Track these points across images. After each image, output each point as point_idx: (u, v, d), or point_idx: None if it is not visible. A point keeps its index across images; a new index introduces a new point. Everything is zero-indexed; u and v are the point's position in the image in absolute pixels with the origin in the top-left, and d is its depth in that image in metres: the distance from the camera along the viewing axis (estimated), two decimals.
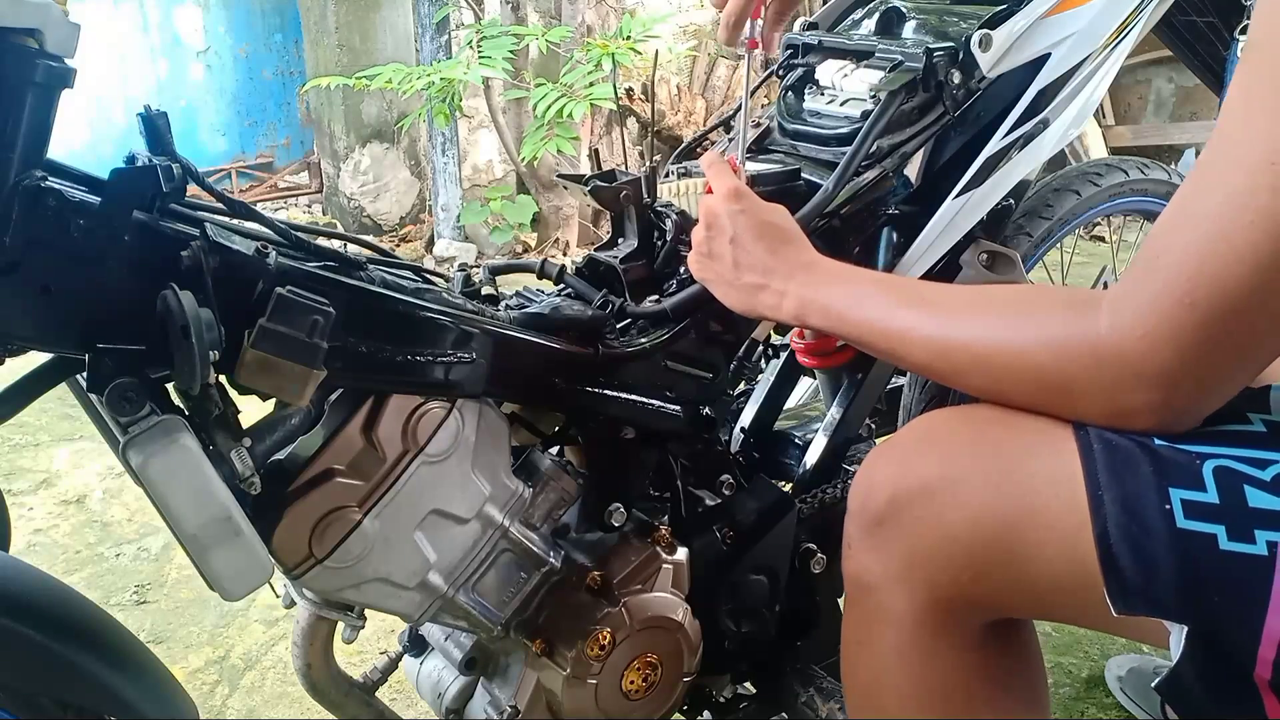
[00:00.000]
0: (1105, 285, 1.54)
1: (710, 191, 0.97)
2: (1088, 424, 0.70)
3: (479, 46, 3.37)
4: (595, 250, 1.10)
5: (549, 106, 3.26)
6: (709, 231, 0.94)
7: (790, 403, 1.33)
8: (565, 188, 1.57)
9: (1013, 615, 0.79)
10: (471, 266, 1.05)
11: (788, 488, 1.20)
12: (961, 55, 1.08)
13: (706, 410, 1.07)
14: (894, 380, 1.36)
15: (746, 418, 1.25)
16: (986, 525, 0.72)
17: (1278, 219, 0.59)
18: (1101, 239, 2.90)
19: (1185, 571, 0.64)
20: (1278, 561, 0.61)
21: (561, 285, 1.07)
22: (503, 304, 1.01)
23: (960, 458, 0.75)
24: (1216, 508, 0.64)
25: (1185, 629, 0.65)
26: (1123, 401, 0.67)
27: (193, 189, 0.79)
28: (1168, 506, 0.64)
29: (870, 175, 1.09)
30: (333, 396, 0.92)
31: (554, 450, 1.06)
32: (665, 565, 1.05)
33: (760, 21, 1.01)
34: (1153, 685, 0.69)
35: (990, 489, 0.72)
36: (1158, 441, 0.68)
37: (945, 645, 0.77)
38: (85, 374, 0.76)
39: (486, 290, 1.04)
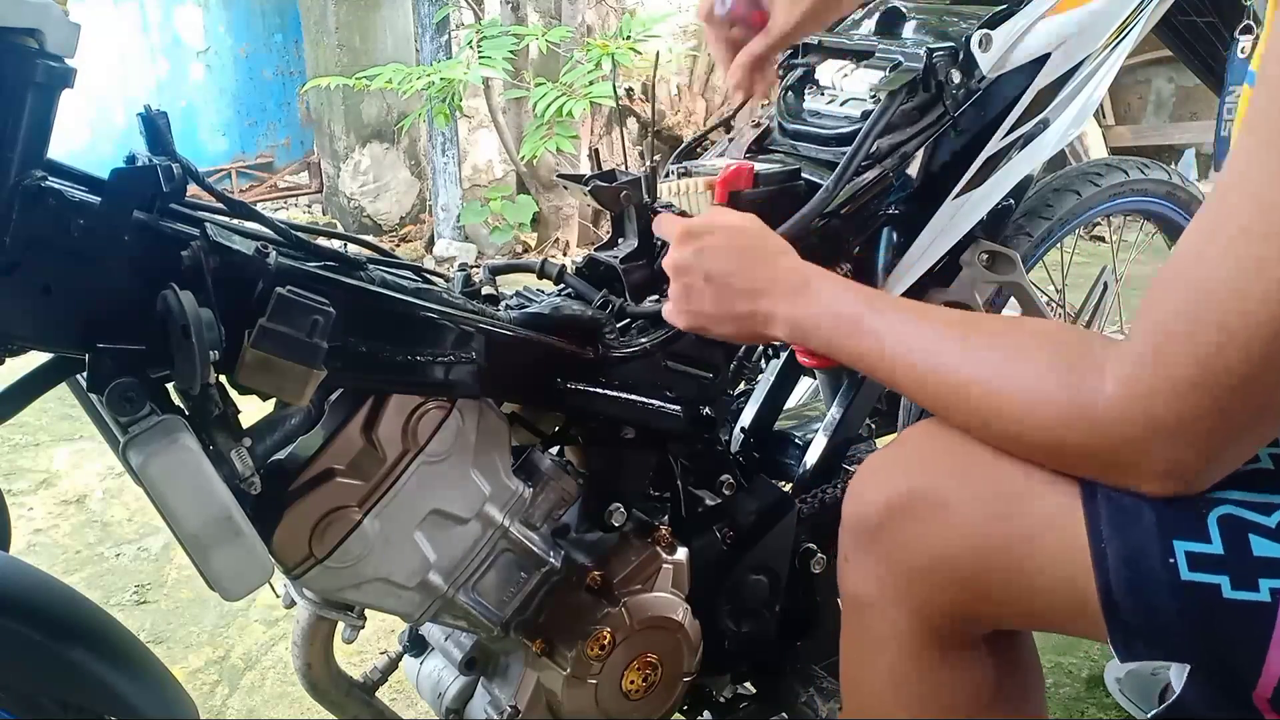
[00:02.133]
0: (1105, 286, 1.53)
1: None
2: None
3: (479, 46, 3.37)
4: (595, 250, 1.10)
5: (549, 105, 3.26)
6: (682, 281, 0.90)
7: (790, 403, 1.33)
8: (565, 188, 1.57)
9: (1011, 628, 0.79)
10: (471, 266, 1.05)
11: (788, 488, 1.20)
12: (961, 55, 1.08)
13: (706, 410, 1.07)
14: None
15: (746, 418, 1.25)
16: (984, 549, 0.71)
17: None
18: (1101, 239, 2.89)
19: (1189, 620, 0.63)
20: None
21: (561, 285, 1.07)
22: (503, 304, 1.01)
23: (957, 476, 0.73)
24: (1221, 559, 0.63)
25: (1189, 667, 0.65)
26: (1119, 474, 0.65)
27: (193, 189, 0.79)
28: (1171, 560, 0.63)
29: (870, 175, 1.09)
30: (333, 396, 0.92)
31: (554, 450, 1.06)
32: (665, 565, 1.05)
33: None
34: (1148, 717, 0.69)
35: (989, 514, 0.71)
36: None
37: (945, 661, 0.77)
38: (85, 374, 0.76)
39: (486, 290, 1.04)
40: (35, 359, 0.81)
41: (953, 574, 0.72)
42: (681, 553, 1.07)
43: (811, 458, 1.21)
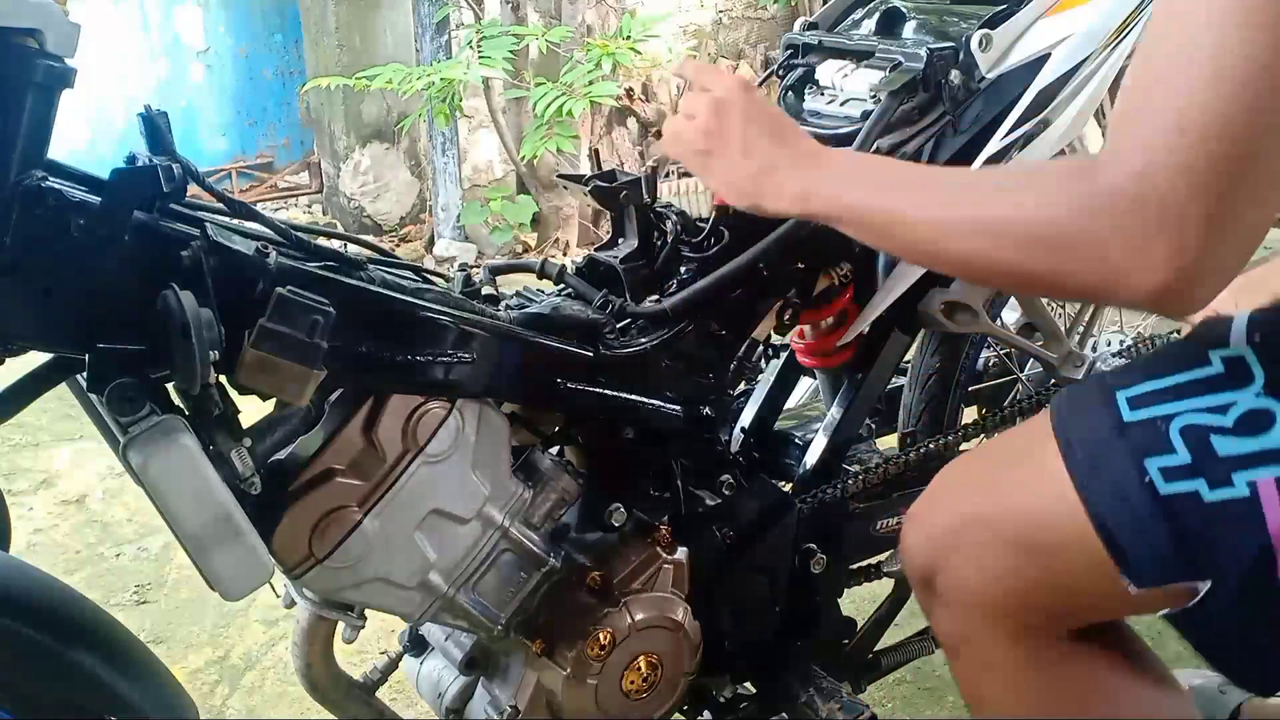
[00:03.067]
0: None
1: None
2: (1062, 411, 0.74)
3: (479, 46, 3.37)
4: (595, 250, 1.10)
5: (549, 105, 3.26)
6: (719, 116, 0.89)
7: (790, 403, 1.33)
8: (565, 188, 1.57)
9: (1082, 622, 0.81)
10: (471, 266, 1.05)
11: (788, 488, 1.20)
12: (961, 55, 1.08)
13: (706, 410, 1.07)
14: (894, 380, 1.36)
15: (746, 418, 1.25)
16: (1012, 545, 0.76)
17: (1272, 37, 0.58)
18: None
19: (1180, 532, 0.67)
20: (1260, 495, 0.65)
21: (561, 285, 1.07)
22: (503, 304, 1.01)
23: (980, 496, 0.79)
24: (1190, 466, 0.67)
25: (1209, 583, 0.68)
26: (1136, 249, 0.63)
27: (193, 189, 0.79)
28: (1147, 479, 0.68)
29: None
30: (333, 396, 0.92)
31: (554, 450, 1.06)
32: (665, 565, 1.06)
33: None
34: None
35: (1013, 516, 0.76)
36: (1126, 416, 0.70)
37: (1045, 664, 0.80)
38: (85, 374, 0.76)
39: (486, 290, 1.04)
40: (35, 359, 0.81)
41: (1013, 584, 0.77)
42: (681, 553, 1.07)
43: (811, 458, 1.21)
